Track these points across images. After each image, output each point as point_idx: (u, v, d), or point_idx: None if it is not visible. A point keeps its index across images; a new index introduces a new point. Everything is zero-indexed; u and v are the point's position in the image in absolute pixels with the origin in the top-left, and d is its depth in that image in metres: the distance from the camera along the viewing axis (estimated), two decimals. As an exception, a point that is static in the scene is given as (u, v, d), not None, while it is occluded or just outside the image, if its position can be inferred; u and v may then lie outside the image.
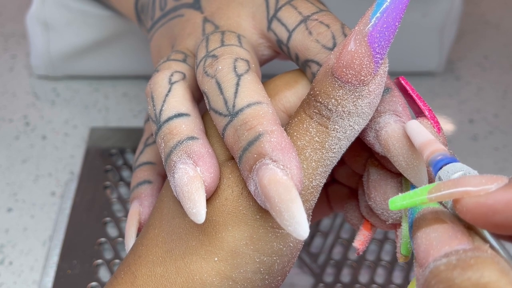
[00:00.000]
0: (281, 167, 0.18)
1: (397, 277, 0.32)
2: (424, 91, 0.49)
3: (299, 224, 0.17)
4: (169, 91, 0.23)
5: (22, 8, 0.57)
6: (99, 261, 0.32)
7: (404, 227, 0.22)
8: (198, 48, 0.24)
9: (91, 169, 0.38)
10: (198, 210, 0.19)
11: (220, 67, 0.21)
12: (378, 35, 0.19)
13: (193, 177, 0.20)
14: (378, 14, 0.19)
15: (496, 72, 0.52)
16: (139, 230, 0.25)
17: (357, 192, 0.25)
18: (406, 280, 0.31)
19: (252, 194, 0.19)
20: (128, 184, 0.37)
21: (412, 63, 0.49)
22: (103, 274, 0.31)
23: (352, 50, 0.19)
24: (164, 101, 0.22)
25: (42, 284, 0.31)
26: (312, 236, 0.34)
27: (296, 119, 0.21)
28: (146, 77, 0.49)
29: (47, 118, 0.44)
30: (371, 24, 0.19)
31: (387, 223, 0.23)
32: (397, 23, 0.19)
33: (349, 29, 0.22)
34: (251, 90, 0.21)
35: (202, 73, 0.22)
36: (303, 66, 0.23)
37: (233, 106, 0.20)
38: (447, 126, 0.45)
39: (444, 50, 0.48)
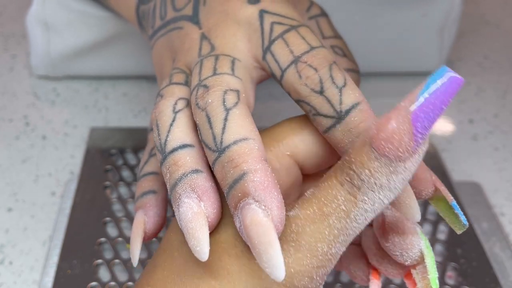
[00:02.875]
0: (263, 207, 0.19)
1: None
2: (424, 91, 0.49)
3: (275, 267, 0.18)
4: (173, 120, 0.23)
5: (22, 8, 0.57)
6: (99, 261, 0.32)
7: (429, 262, 0.22)
8: (192, 72, 0.24)
9: (91, 169, 0.38)
10: (201, 248, 0.20)
11: (210, 100, 0.22)
12: (422, 115, 0.18)
13: (197, 214, 0.21)
14: (426, 95, 0.18)
15: (496, 72, 0.52)
16: (144, 240, 0.25)
17: (357, 246, 0.25)
18: (406, 280, 0.31)
19: (238, 230, 0.20)
20: (128, 184, 0.37)
21: (412, 63, 0.49)
22: (103, 274, 0.31)
23: (394, 126, 0.18)
24: (168, 131, 0.23)
25: (42, 284, 0.31)
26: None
27: (326, 183, 0.20)
28: (146, 77, 0.49)
29: (47, 118, 0.44)
30: (417, 103, 0.18)
31: (406, 263, 0.23)
32: (444, 106, 0.18)
33: (338, 69, 0.23)
34: (238, 125, 0.21)
35: (194, 104, 0.23)
36: (297, 103, 0.24)
37: (221, 142, 0.21)
38: (447, 126, 0.45)
39: (444, 50, 0.48)
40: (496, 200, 0.38)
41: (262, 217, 0.19)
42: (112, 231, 0.34)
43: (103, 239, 0.33)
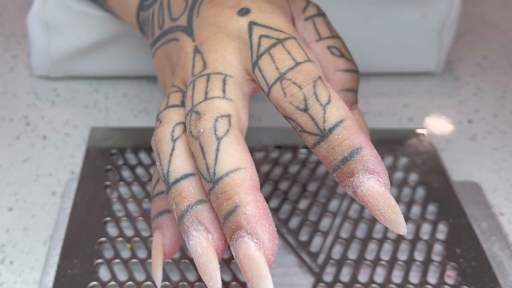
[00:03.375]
0: (255, 240, 0.20)
1: (397, 277, 0.32)
2: (423, 91, 0.49)
3: None
4: (173, 149, 0.24)
5: (22, 9, 0.57)
6: (100, 260, 0.32)
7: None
8: (186, 94, 0.25)
9: (91, 169, 0.38)
10: (214, 284, 0.21)
11: (201, 130, 0.23)
12: None
13: (206, 248, 0.22)
14: None
15: (495, 72, 0.52)
16: (163, 259, 0.26)
17: None
18: (406, 280, 0.31)
19: (235, 259, 0.21)
20: (128, 184, 0.37)
21: (411, 63, 0.49)
22: (104, 273, 0.32)
23: None
24: (169, 161, 0.24)
25: (42, 283, 0.31)
26: (311, 235, 0.34)
27: None
28: (146, 78, 0.49)
29: (47, 118, 0.44)
30: None
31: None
32: None
33: (323, 85, 0.23)
34: (229, 155, 0.22)
35: (188, 132, 0.23)
36: (284, 118, 0.24)
37: (214, 173, 0.22)
38: (446, 126, 0.45)
39: (443, 51, 0.48)
40: (496, 199, 0.38)
41: (254, 251, 0.20)
42: (112, 230, 0.34)
43: (103, 239, 0.33)
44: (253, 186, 0.21)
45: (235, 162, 0.22)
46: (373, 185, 0.21)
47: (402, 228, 0.21)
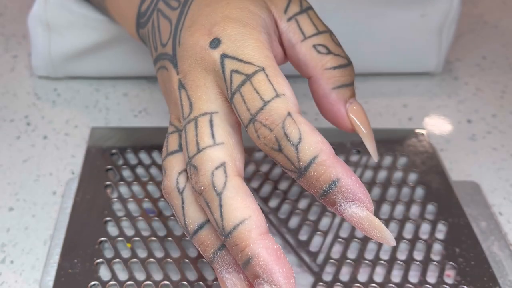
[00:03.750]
0: (274, 286, 0.22)
1: (396, 276, 0.32)
2: (422, 91, 0.49)
3: None
4: (182, 202, 0.26)
5: (23, 9, 0.57)
6: (100, 260, 0.32)
7: None
8: (182, 144, 0.26)
9: (91, 169, 0.38)
10: None
11: (202, 187, 0.24)
12: None
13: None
14: None
15: (495, 72, 0.52)
16: None
17: None
18: (405, 279, 0.31)
19: None
20: (128, 183, 0.37)
21: (410, 63, 0.49)
22: (104, 273, 0.32)
23: None
24: (183, 214, 0.26)
25: (43, 283, 0.31)
26: (311, 235, 0.34)
27: None
28: (146, 78, 0.49)
29: (48, 118, 0.45)
30: None
31: None
32: None
33: (292, 122, 0.23)
34: (233, 209, 0.23)
35: (191, 185, 0.25)
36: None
37: (223, 229, 0.23)
38: (446, 126, 0.45)
39: (442, 51, 0.49)
40: (495, 199, 0.38)
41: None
42: (112, 230, 0.34)
43: (103, 239, 0.33)
44: (260, 233, 0.23)
45: (239, 214, 0.23)
46: (355, 211, 0.23)
47: (391, 242, 0.24)
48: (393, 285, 0.31)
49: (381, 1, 0.45)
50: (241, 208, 0.23)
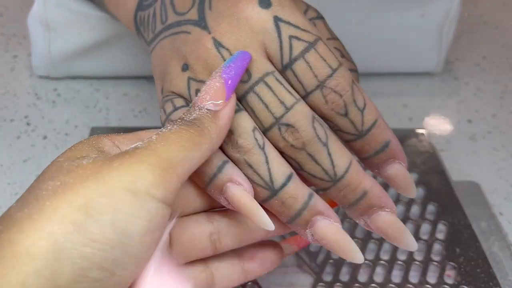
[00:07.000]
0: (387, 210, 0.26)
1: (396, 277, 0.32)
2: (422, 91, 0.49)
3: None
4: (266, 158, 0.25)
5: (23, 9, 0.57)
6: (100, 260, 0.32)
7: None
8: (254, 106, 0.25)
9: (92, 169, 0.38)
10: (360, 257, 0.25)
11: (304, 142, 0.25)
12: (227, 74, 0.24)
13: (338, 230, 0.25)
14: (227, 63, 0.24)
15: (494, 72, 0.52)
16: None
17: None
18: (405, 279, 0.31)
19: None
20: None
21: (410, 63, 0.49)
22: (104, 273, 0.32)
23: (209, 82, 0.24)
24: (268, 169, 0.25)
25: (43, 283, 0.31)
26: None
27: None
28: (147, 78, 0.49)
29: (48, 118, 0.45)
30: (222, 67, 0.24)
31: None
32: (241, 70, 0.24)
33: (358, 90, 0.26)
34: (340, 156, 0.25)
35: (285, 143, 0.25)
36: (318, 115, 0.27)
37: (335, 175, 0.25)
38: (446, 126, 0.45)
39: (442, 51, 0.49)
40: (495, 199, 0.38)
41: (390, 217, 0.25)
42: (113, 230, 0.34)
43: (104, 239, 0.33)
44: (364, 172, 0.25)
45: (346, 159, 0.25)
46: (398, 167, 0.27)
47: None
48: (393, 285, 0.31)
49: (381, 1, 0.45)
50: (346, 154, 0.25)
